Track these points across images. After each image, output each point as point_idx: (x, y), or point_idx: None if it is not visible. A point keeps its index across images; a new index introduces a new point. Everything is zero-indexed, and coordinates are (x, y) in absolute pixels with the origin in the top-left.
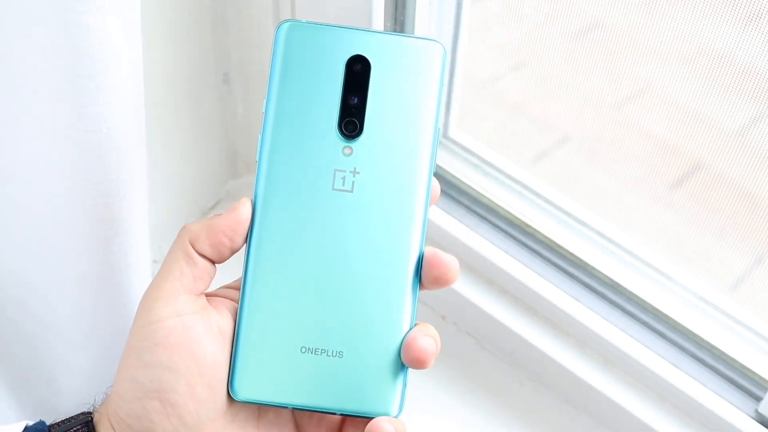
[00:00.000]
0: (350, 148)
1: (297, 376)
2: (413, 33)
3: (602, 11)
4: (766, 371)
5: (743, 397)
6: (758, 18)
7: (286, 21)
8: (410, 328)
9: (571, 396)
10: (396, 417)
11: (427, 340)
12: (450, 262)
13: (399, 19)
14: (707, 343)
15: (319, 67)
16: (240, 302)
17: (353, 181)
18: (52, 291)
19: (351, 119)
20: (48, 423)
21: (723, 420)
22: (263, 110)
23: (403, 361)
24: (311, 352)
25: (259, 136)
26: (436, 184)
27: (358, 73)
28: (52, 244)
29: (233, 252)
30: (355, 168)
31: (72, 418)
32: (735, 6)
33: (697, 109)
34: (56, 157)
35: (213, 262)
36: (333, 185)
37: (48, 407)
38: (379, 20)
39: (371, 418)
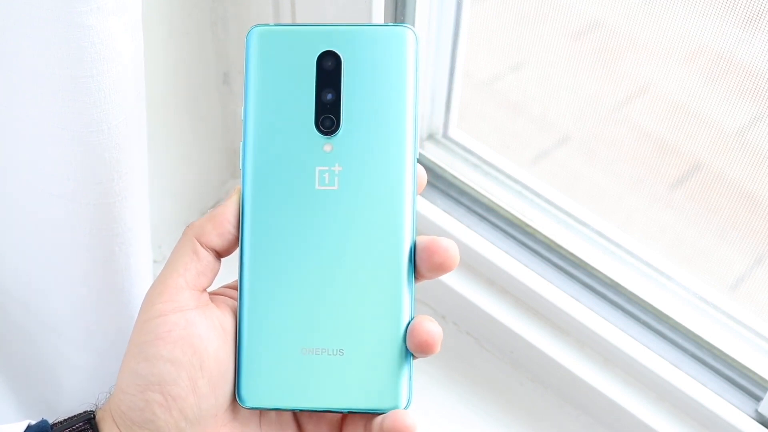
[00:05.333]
0: (330, 144)
1: (301, 378)
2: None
3: (602, 11)
4: (766, 371)
5: (743, 397)
6: (758, 18)
7: (255, 26)
8: (411, 319)
9: (571, 396)
10: (405, 409)
11: (433, 324)
12: (449, 246)
13: (399, 19)
14: (707, 343)
15: (291, 68)
16: (239, 309)
17: (336, 178)
18: (54, 291)
19: (327, 115)
20: (50, 422)
21: (723, 420)
22: (242, 118)
23: (410, 349)
24: (312, 353)
25: (241, 143)
26: (422, 171)
27: (329, 68)
28: (54, 244)
29: (240, 241)
30: (336, 164)
31: (74, 416)
32: (735, 6)
33: (697, 109)
34: (57, 158)
35: (219, 256)
36: (317, 183)
37: (49, 406)
38: (379, 20)
39: (380, 414)
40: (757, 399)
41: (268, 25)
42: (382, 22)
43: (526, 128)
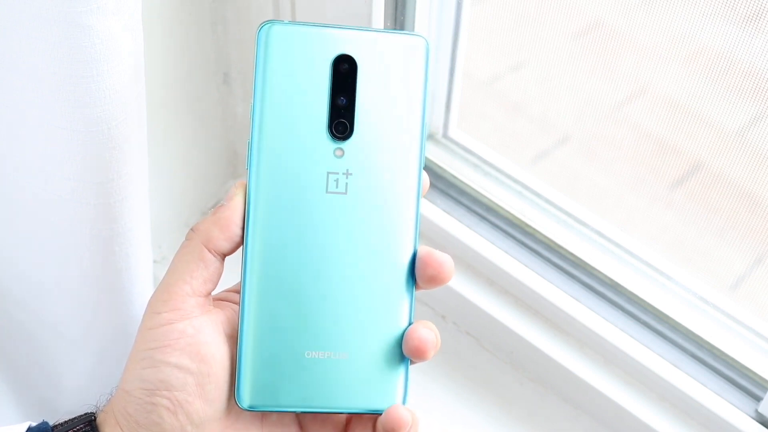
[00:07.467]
0: (342, 149)
1: (303, 380)
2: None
3: (602, 11)
4: (766, 371)
5: (743, 397)
6: (758, 18)
7: (267, 22)
8: (410, 324)
9: (571, 396)
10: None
11: (427, 331)
12: (444, 260)
13: (399, 19)
14: (707, 343)
15: (305, 69)
16: (240, 311)
17: (346, 183)
18: (54, 291)
19: (341, 120)
20: (51, 423)
21: (723, 420)
22: (250, 115)
23: (404, 353)
24: (317, 356)
25: (248, 141)
26: (425, 177)
27: (345, 73)
28: (54, 244)
29: (243, 241)
30: (347, 169)
31: (75, 418)
32: (735, 6)
33: (697, 109)
34: (57, 158)
35: (224, 258)
36: (327, 188)
37: (49, 407)
38: (378, 20)
39: (379, 414)
40: (757, 399)
41: (281, 21)
42: (382, 22)
43: (526, 128)
